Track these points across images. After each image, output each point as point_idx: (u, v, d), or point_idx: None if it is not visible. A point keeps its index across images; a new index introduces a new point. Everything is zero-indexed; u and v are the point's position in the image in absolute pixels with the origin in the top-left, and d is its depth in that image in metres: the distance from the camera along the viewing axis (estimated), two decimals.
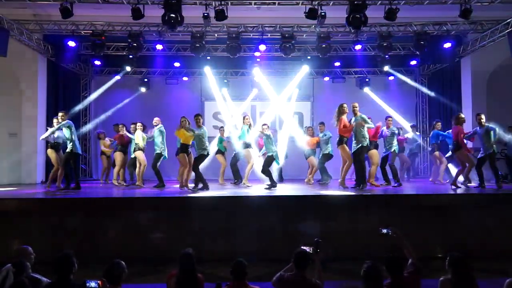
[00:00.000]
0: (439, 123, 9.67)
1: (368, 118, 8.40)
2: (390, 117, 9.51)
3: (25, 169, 10.66)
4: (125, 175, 10.10)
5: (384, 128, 9.09)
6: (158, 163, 8.89)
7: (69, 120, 8.33)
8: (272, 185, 8.36)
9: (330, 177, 9.50)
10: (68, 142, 8.18)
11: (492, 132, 8.04)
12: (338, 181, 8.44)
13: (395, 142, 9.03)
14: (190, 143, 8.40)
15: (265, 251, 6.28)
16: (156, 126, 9.03)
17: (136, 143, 9.26)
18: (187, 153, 8.41)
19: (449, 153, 9.12)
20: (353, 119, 8.16)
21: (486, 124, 8.10)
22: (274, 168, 9.56)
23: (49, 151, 8.68)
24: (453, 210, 6.71)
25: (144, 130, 9.53)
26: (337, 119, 8.10)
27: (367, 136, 8.09)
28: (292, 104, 12.69)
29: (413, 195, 7.55)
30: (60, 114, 8.38)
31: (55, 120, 8.60)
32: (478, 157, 8.21)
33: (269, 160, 8.55)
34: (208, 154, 8.43)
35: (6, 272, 3.71)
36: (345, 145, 8.21)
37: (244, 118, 9.46)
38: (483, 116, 8.12)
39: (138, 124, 9.37)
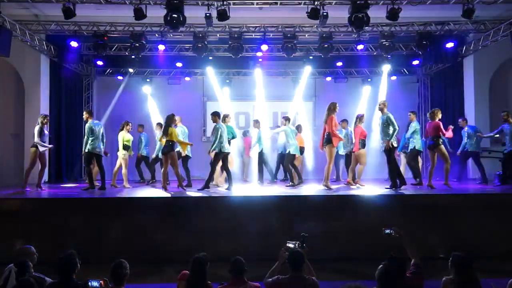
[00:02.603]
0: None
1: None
2: (412, 111, 9.22)
3: None
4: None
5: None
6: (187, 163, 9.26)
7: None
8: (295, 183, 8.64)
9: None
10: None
11: None
12: (323, 183, 8.29)
13: (415, 139, 8.72)
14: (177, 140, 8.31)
15: (265, 251, 6.27)
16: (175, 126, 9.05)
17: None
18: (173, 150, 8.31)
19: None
20: (379, 117, 8.16)
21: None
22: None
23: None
24: (456, 210, 6.70)
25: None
26: (326, 117, 8.09)
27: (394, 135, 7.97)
28: (294, 104, 12.68)
29: (416, 195, 7.53)
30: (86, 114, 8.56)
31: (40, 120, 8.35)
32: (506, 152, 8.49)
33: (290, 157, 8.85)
34: (224, 151, 8.17)
35: (9, 271, 3.73)
36: (332, 145, 8.04)
37: (225, 117, 9.01)
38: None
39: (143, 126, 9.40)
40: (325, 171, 8.22)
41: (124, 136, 9.30)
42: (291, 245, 3.78)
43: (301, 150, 9.73)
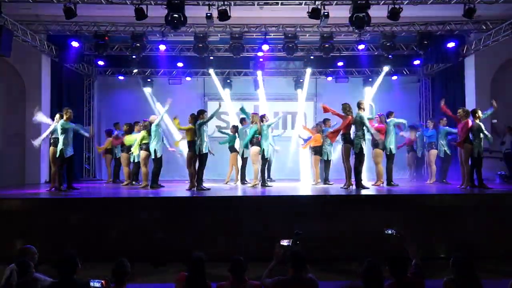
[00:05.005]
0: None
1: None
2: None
3: (29, 169, 10.69)
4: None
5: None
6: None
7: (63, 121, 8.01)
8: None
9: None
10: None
11: None
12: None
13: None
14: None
15: (265, 251, 6.27)
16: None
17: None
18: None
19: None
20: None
21: None
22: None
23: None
24: (456, 210, 6.69)
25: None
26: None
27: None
28: (295, 104, 12.69)
29: (416, 195, 7.53)
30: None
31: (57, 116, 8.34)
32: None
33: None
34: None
35: (10, 271, 3.74)
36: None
37: (263, 116, 9.03)
38: None
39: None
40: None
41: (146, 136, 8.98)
42: (285, 243, 3.79)
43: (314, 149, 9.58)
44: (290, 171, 11.71)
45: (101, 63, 11.89)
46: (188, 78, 12.68)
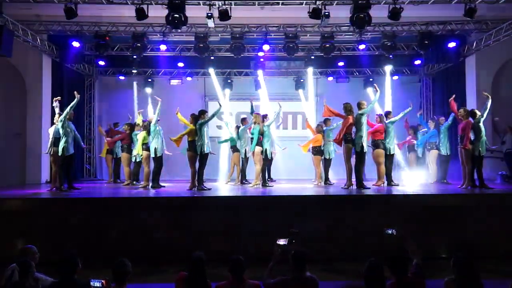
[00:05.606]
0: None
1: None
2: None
3: (30, 169, 10.71)
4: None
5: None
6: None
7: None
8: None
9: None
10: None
11: None
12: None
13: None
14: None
15: (265, 251, 6.27)
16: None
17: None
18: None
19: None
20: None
21: None
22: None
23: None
24: (457, 210, 6.68)
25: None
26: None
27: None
28: (296, 104, 12.68)
29: (417, 195, 7.52)
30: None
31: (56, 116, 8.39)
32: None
33: None
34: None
35: (11, 271, 3.74)
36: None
37: (264, 117, 9.14)
38: None
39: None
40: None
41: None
42: (281, 243, 3.81)
43: (315, 149, 9.60)
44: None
45: (101, 63, 11.90)
46: (188, 78, 12.67)
